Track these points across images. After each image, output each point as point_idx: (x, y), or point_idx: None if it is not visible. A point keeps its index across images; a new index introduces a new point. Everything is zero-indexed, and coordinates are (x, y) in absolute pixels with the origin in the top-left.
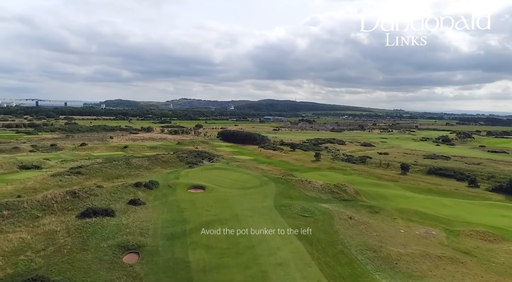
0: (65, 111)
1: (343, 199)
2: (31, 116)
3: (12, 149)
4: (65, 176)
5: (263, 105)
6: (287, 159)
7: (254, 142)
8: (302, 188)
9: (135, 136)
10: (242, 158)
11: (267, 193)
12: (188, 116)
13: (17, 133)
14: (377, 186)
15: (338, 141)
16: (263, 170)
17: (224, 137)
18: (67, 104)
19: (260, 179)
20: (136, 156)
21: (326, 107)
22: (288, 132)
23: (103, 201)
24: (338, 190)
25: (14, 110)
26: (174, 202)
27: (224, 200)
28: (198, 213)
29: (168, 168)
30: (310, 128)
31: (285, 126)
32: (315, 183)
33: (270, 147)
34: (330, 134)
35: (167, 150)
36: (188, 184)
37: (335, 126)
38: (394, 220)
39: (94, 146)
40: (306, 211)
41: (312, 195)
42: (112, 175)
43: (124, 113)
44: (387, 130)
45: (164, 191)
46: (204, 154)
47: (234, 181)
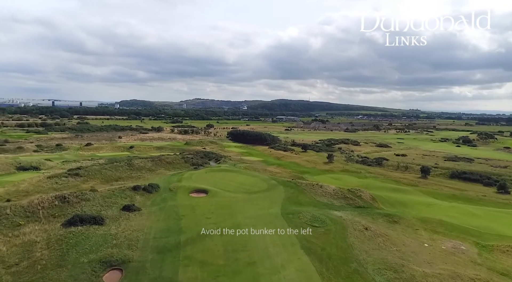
0: (79, 111)
1: (358, 206)
2: (46, 116)
3: (16, 149)
4: (62, 178)
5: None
6: (298, 160)
7: (264, 142)
8: (312, 193)
9: (144, 136)
10: (251, 159)
11: (274, 198)
12: (200, 116)
13: (27, 133)
14: (395, 191)
15: (352, 141)
16: (271, 172)
17: (234, 138)
18: (82, 104)
19: (267, 182)
20: (140, 156)
21: (340, 107)
22: (301, 132)
23: (95, 207)
24: (352, 195)
25: (30, 110)
26: (172, 207)
27: (227, 206)
28: (196, 221)
29: (172, 169)
30: (323, 128)
31: (297, 126)
32: (327, 187)
33: (281, 148)
34: (344, 135)
35: (173, 150)
36: (190, 187)
37: (349, 126)
38: (416, 232)
39: (99, 146)
40: (317, 220)
41: (324, 200)
42: (111, 177)
43: (137, 113)
44: (403, 130)
45: (164, 195)
46: (211, 154)
47: (240, 184)
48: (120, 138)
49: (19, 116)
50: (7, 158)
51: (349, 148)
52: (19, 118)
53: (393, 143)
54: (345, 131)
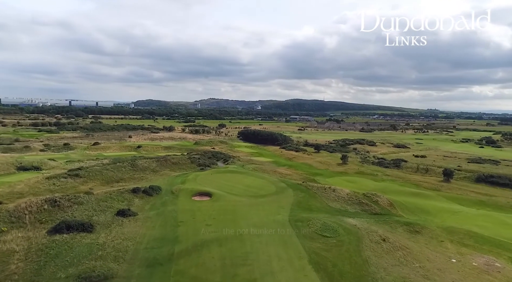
0: (95, 110)
1: (374, 213)
2: (62, 115)
3: (23, 148)
4: (60, 179)
5: (290, 105)
6: (310, 161)
7: (275, 142)
8: (324, 197)
9: (155, 135)
10: (261, 160)
11: (282, 203)
12: (214, 115)
13: (39, 132)
14: (416, 196)
15: (368, 141)
16: (281, 174)
17: (245, 137)
18: (98, 104)
19: (276, 185)
20: (146, 156)
21: (355, 107)
22: (314, 132)
23: (87, 212)
24: (368, 200)
25: (47, 110)
26: (171, 212)
27: (230, 211)
28: (195, 228)
29: (178, 170)
30: (337, 128)
31: (311, 126)
32: (340, 192)
33: (293, 148)
34: (359, 135)
35: (182, 150)
36: (193, 190)
37: (364, 126)
38: (441, 244)
39: (107, 145)
40: (328, 229)
41: (337, 206)
42: (112, 178)
43: (151, 113)
44: (421, 130)
45: (165, 198)
46: (219, 155)
47: (247, 187)
48: (130, 138)
49: (35, 115)
50: (12, 157)
51: (365, 149)
52: (35, 118)
53: (411, 144)
54: (361, 131)
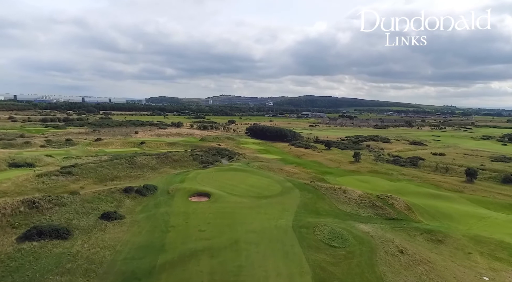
0: (106, 106)
1: (390, 218)
2: (73, 111)
3: (23, 144)
4: (51, 177)
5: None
6: (320, 159)
7: (284, 139)
8: (334, 199)
9: (162, 131)
10: (267, 157)
11: (287, 205)
12: (224, 112)
13: (46, 127)
14: (436, 198)
15: (382, 138)
16: (288, 172)
17: (253, 134)
18: (110, 100)
19: (282, 185)
20: (148, 153)
21: (369, 103)
22: (326, 128)
23: (68, 215)
24: (383, 203)
25: (60, 106)
26: (163, 215)
27: (228, 214)
28: (186, 234)
29: (178, 167)
30: (350, 124)
31: (323, 122)
32: (351, 193)
33: (302, 145)
34: (373, 131)
35: (186, 146)
36: (191, 189)
37: (378, 122)
38: (469, 257)
39: (109, 141)
40: (337, 237)
41: (347, 209)
42: (107, 176)
43: (161, 109)
44: (438, 127)
45: (160, 198)
46: (224, 151)
47: (250, 187)
48: (137, 134)
49: (47, 111)
50: (11, 153)
51: (379, 146)
52: (46, 114)
53: (428, 141)
54: (374, 128)
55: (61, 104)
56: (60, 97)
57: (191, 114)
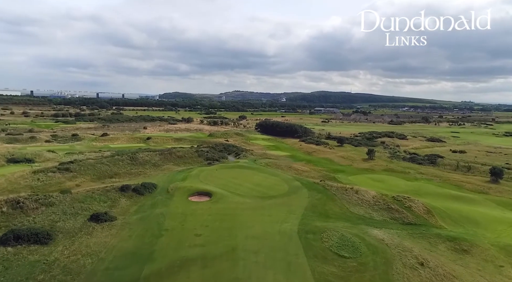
0: (119, 102)
1: (407, 222)
2: (87, 107)
3: (28, 139)
4: (48, 174)
5: (315, 97)
6: (331, 156)
7: (295, 135)
8: (345, 200)
9: (171, 126)
10: (276, 154)
11: (293, 207)
12: (236, 107)
13: (56, 122)
14: (458, 200)
15: (397, 134)
16: (297, 170)
17: (263, 129)
18: (124, 96)
19: (289, 184)
20: (152, 148)
21: (384, 99)
22: (339, 124)
23: (53, 216)
24: (399, 205)
25: (74, 101)
26: (159, 217)
27: (229, 216)
28: (180, 239)
29: (182, 164)
30: (364, 120)
31: (336, 118)
32: (364, 194)
33: (313, 141)
34: (388, 127)
35: (193, 142)
36: (192, 188)
37: (394, 118)
38: (500, 271)
39: (115, 136)
40: (347, 245)
41: (360, 212)
42: (106, 173)
43: (173, 105)
44: (457, 123)
45: (158, 198)
46: (231, 148)
47: (255, 186)
48: (145, 129)
49: (61, 107)
50: (14, 148)
51: (394, 142)
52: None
53: (447, 137)
54: (389, 124)
55: (75, 100)
56: (75, 93)
57: (203, 110)
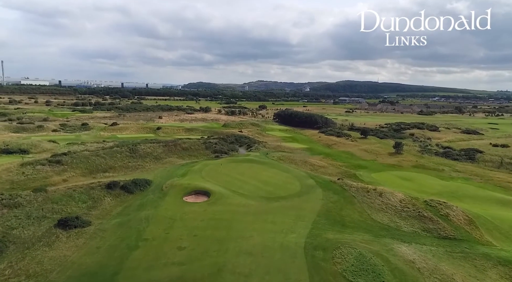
0: (142, 92)
1: (444, 236)
2: (110, 96)
3: (36, 128)
4: (37, 166)
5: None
6: (353, 149)
7: (314, 126)
8: (366, 204)
9: (187, 116)
10: (292, 147)
11: (304, 211)
12: (257, 97)
13: (73, 111)
14: (506, 206)
15: (428, 126)
16: (313, 165)
17: (281, 120)
18: (148, 86)
19: (302, 182)
20: (157, 139)
21: (412, 89)
22: (363, 114)
23: (13, 221)
24: (433, 213)
25: (98, 91)
26: (141, 222)
27: (225, 223)
28: (157, 254)
29: (187, 157)
30: (391, 110)
31: (361, 108)
32: (390, 196)
33: (334, 132)
34: (417, 118)
35: (205, 132)
36: (190, 186)
37: (424, 108)
38: None
39: (125, 126)
40: (366, 270)
41: (384, 220)
42: (99, 166)
43: (195, 94)
44: (494, 114)
45: (149, 197)
46: (243, 139)
47: (262, 184)
48: (160, 119)
49: (85, 96)
50: (19, 137)
51: (425, 134)
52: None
53: (485, 129)
54: (419, 114)
55: (100, 90)
56: (100, 83)
57: (224, 100)
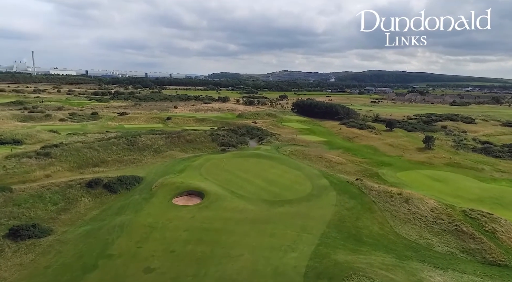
0: (165, 81)
1: (491, 262)
2: (132, 86)
3: (43, 117)
4: (22, 159)
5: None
6: (376, 143)
7: (335, 117)
8: (389, 213)
9: (204, 106)
10: (308, 139)
11: (311, 220)
12: (280, 87)
13: (90, 100)
14: None
15: (463, 117)
16: (330, 162)
17: (300, 110)
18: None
19: (314, 182)
20: (162, 130)
21: (444, 78)
22: (390, 105)
23: None
24: (475, 228)
25: (121, 80)
26: (112, 231)
27: (213, 235)
28: (115, 280)
29: (190, 150)
30: (421, 101)
31: (388, 98)
32: (419, 203)
33: (356, 124)
34: (450, 109)
35: (216, 123)
36: (183, 185)
37: (457, 98)
38: None
39: (134, 116)
40: None
41: (411, 235)
42: (90, 160)
43: (216, 84)
44: None
45: (133, 198)
46: (255, 131)
47: (267, 184)
48: (175, 108)
49: (107, 86)
50: (24, 126)
51: (459, 127)
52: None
53: None
54: (452, 105)
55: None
56: (125, 73)
57: (245, 89)
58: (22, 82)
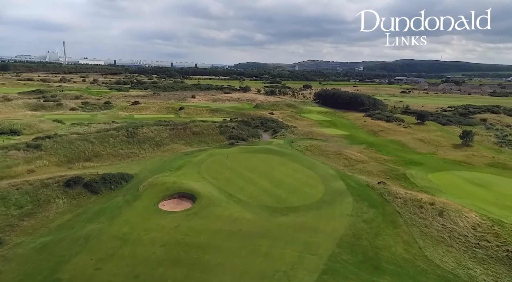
0: (189, 71)
1: None
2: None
3: (54, 106)
4: (9, 152)
5: (398, 66)
6: (405, 138)
7: (360, 108)
8: (417, 229)
9: (223, 96)
10: (327, 133)
11: (319, 235)
12: (305, 77)
13: (109, 89)
14: None
15: (506, 110)
16: (349, 159)
17: (322, 100)
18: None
19: (327, 185)
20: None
21: (482, 68)
22: (422, 95)
23: None
24: None
25: (147, 70)
26: (73, 245)
27: (194, 253)
28: None
29: (195, 144)
30: (456, 91)
31: (419, 88)
32: (456, 218)
33: (383, 116)
34: (489, 100)
35: (230, 113)
36: (174, 186)
37: (497, 88)
38: None
39: (146, 105)
40: None
41: (446, 261)
42: (82, 153)
43: (240, 74)
44: None
45: (115, 200)
46: (270, 123)
47: (273, 185)
48: (193, 98)
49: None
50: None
51: (502, 120)
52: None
53: None
54: (491, 96)
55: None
56: (152, 63)
57: (269, 79)
58: (53, 72)
